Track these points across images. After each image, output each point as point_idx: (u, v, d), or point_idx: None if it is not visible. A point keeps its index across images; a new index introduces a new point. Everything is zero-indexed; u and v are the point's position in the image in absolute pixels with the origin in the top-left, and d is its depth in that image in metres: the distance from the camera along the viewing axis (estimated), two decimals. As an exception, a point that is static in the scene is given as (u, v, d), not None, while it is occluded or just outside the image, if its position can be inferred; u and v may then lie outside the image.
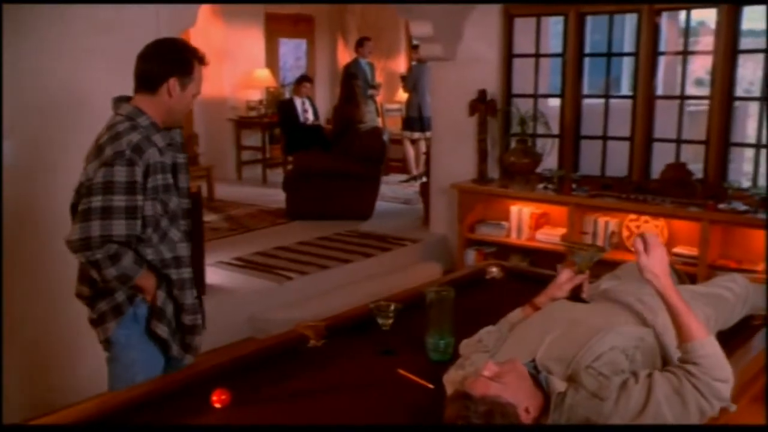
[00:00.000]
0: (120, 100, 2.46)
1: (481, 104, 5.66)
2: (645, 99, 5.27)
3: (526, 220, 5.51)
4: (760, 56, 4.92)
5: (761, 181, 4.94)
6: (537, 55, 5.72)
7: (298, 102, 8.36)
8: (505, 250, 5.64)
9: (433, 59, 6.09)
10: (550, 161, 5.67)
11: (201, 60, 2.47)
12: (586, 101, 5.61)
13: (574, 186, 5.28)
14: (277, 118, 8.57)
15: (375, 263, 5.58)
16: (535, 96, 5.75)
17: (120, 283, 2.36)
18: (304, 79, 8.58)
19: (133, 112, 2.39)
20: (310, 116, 8.52)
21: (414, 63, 8.96)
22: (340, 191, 6.68)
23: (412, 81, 8.73)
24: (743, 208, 4.56)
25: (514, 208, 5.57)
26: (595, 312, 2.25)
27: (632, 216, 5.08)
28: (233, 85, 9.08)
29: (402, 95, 9.41)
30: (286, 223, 6.66)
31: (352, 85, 7.50)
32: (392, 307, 2.60)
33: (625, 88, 6.99)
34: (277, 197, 7.38)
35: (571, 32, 5.50)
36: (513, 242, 5.57)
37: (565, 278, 2.49)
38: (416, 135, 8.88)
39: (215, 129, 9.08)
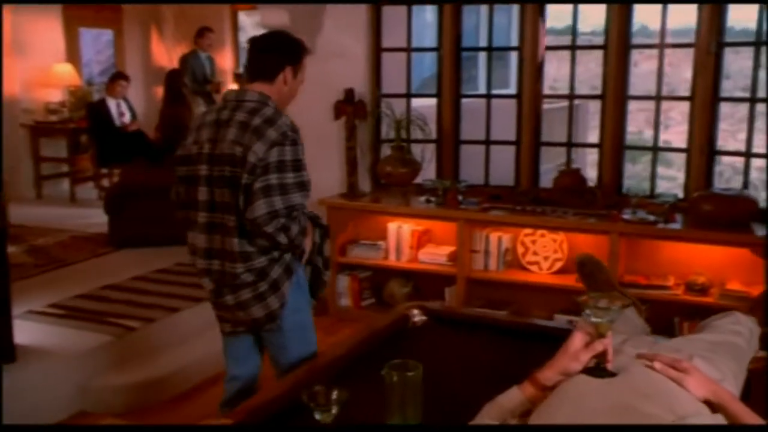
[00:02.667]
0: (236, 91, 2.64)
1: (348, 106, 4.88)
2: (531, 98, 4.77)
3: (407, 239, 4.82)
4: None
5: (659, 188, 4.63)
6: (409, 50, 5.04)
7: (112, 103, 7.10)
8: (383, 274, 4.92)
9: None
10: (426, 171, 5.02)
11: (307, 49, 2.72)
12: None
13: (460, 198, 4.65)
14: (87, 123, 7.22)
15: (233, 299, 4.61)
16: (408, 96, 5.06)
17: (302, 236, 2.57)
18: (119, 77, 7.29)
19: (262, 97, 2.55)
20: (128, 120, 7.27)
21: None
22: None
23: (248, 79, 7.73)
24: (652, 218, 4.17)
25: (392, 226, 4.86)
26: (638, 392, 1.65)
27: (527, 230, 4.56)
28: (27, 84, 7.55)
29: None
30: (110, 252, 5.44)
31: (176, 81, 6.46)
32: (335, 396, 1.77)
33: (482, 87, 6.51)
34: (92, 219, 6.19)
35: (447, 24, 4.87)
36: (392, 265, 4.85)
37: (580, 344, 1.80)
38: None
39: (5, 136, 7.50)
